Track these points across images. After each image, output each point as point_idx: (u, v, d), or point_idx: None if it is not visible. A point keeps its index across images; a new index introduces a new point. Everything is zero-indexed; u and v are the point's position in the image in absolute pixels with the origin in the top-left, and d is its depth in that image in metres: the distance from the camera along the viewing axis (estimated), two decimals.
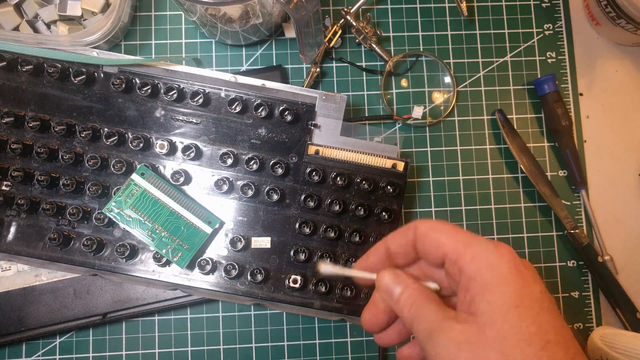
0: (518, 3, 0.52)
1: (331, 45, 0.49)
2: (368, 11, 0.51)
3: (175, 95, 0.42)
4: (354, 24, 0.49)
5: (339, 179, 0.42)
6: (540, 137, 0.51)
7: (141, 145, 0.42)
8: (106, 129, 0.42)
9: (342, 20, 0.49)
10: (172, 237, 0.41)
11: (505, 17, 0.52)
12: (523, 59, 0.52)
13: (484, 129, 0.51)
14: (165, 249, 0.40)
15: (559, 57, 0.52)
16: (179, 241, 0.41)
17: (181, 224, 0.41)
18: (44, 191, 0.42)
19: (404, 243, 0.30)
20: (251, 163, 0.42)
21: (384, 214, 0.43)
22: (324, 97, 0.43)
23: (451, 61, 0.51)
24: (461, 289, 0.27)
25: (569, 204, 0.50)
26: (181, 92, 0.42)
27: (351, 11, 0.49)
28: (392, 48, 0.51)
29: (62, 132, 0.41)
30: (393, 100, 0.51)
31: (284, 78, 0.48)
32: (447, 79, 0.51)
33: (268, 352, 0.47)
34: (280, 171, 0.42)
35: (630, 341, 0.43)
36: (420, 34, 0.51)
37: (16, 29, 0.47)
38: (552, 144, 0.51)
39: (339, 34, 0.49)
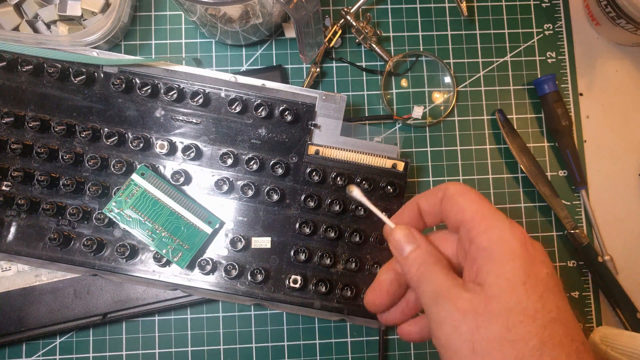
0: (518, 3, 0.52)
1: (331, 45, 0.49)
2: (368, 11, 0.51)
3: (175, 95, 0.42)
4: (354, 24, 0.49)
5: (339, 179, 0.42)
6: (540, 137, 0.51)
7: (141, 145, 0.42)
8: (106, 129, 0.42)
9: (342, 20, 0.49)
10: (172, 237, 0.41)
11: (505, 17, 0.52)
12: (523, 59, 0.52)
13: (484, 129, 0.51)
14: (165, 249, 0.40)
15: (559, 57, 0.52)
16: (179, 241, 0.41)
17: (181, 224, 0.41)
18: (44, 191, 0.42)
19: (432, 203, 0.30)
20: (251, 163, 0.42)
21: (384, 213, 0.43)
22: (324, 97, 0.43)
23: (451, 61, 0.51)
24: (469, 258, 0.27)
25: (569, 204, 0.50)
26: (181, 92, 0.42)
27: (351, 11, 0.49)
28: (392, 48, 0.51)
29: (62, 132, 0.41)
30: (393, 100, 0.51)
31: (284, 78, 0.48)
32: (447, 79, 0.51)
33: (268, 352, 0.47)
34: (280, 171, 0.42)
35: (630, 341, 0.43)
36: (420, 34, 0.51)
37: (16, 29, 0.47)
38: (552, 144, 0.51)
39: (339, 34, 0.49)
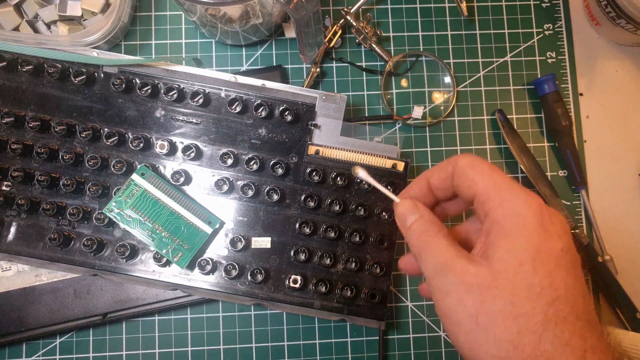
0: (518, 3, 0.52)
1: (331, 45, 0.49)
2: (368, 11, 0.51)
3: (176, 96, 0.42)
4: (354, 24, 0.49)
5: (339, 179, 0.42)
6: (540, 137, 0.51)
7: (141, 145, 0.42)
8: (106, 129, 0.42)
9: (342, 20, 0.49)
10: (173, 237, 0.41)
11: (505, 17, 0.52)
12: (523, 59, 0.52)
13: (484, 129, 0.51)
14: (165, 249, 0.40)
15: (559, 57, 0.52)
16: (179, 241, 0.41)
17: (181, 224, 0.41)
18: (44, 191, 0.42)
19: (443, 177, 0.30)
20: (251, 163, 0.42)
21: (384, 214, 0.43)
22: (324, 97, 0.43)
23: (451, 61, 0.51)
24: (483, 231, 0.27)
25: (569, 204, 0.50)
26: (181, 92, 0.42)
27: (351, 11, 0.49)
28: (392, 48, 0.51)
29: (62, 132, 0.41)
30: (393, 100, 0.51)
31: (284, 78, 0.48)
32: (447, 79, 0.51)
33: (268, 352, 0.47)
34: (280, 171, 0.42)
35: (630, 341, 0.43)
36: (420, 34, 0.51)
37: (16, 29, 0.47)
38: (552, 144, 0.51)
39: (339, 34, 0.49)
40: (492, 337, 0.24)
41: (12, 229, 0.42)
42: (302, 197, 0.43)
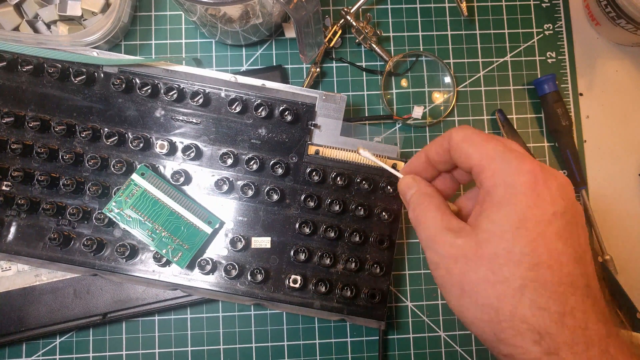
0: (518, 3, 0.52)
1: (331, 45, 0.49)
2: (368, 11, 0.51)
3: (175, 95, 0.42)
4: (354, 24, 0.49)
5: (339, 179, 0.42)
6: (540, 137, 0.51)
7: (141, 145, 0.42)
8: (106, 129, 0.42)
9: (342, 20, 0.49)
10: (172, 237, 0.41)
11: (505, 17, 0.52)
12: (523, 59, 0.52)
13: (484, 129, 0.51)
14: (165, 249, 0.40)
15: (559, 57, 0.52)
16: (179, 241, 0.41)
17: (181, 224, 0.41)
18: (44, 191, 0.42)
19: (440, 152, 0.31)
20: (251, 163, 0.42)
21: (384, 214, 0.43)
22: (324, 97, 0.43)
23: (451, 61, 0.51)
24: (478, 201, 0.28)
25: None
26: (181, 92, 0.42)
27: (351, 11, 0.49)
28: (392, 48, 0.51)
29: (62, 132, 0.41)
30: (393, 100, 0.51)
31: (284, 78, 0.48)
32: (447, 79, 0.51)
33: (268, 352, 0.47)
34: (280, 171, 0.42)
35: (629, 340, 0.43)
36: (420, 34, 0.51)
37: (16, 29, 0.47)
38: (552, 144, 0.51)
39: (339, 34, 0.49)
40: (476, 303, 0.26)
41: (12, 229, 0.42)
42: (302, 197, 0.43)
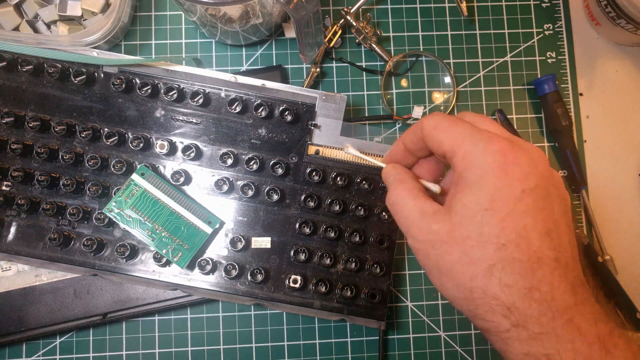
0: (518, 3, 0.52)
1: (331, 45, 0.49)
2: (368, 11, 0.51)
3: (175, 95, 0.42)
4: (354, 24, 0.49)
5: (339, 179, 0.42)
6: (540, 137, 0.51)
7: (141, 145, 0.42)
8: (106, 129, 0.42)
9: (342, 20, 0.49)
10: (172, 237, 0.41)
11: (505, 17, 0.52)
12: (523, 59, 0.52)
13: None
14: (165, 249, 0.40)
15: (559, 57, 0.52)
16: (179, 241, 0.41)
17: (181, 224, 0.41)
18: (44, 191, 0.42)
19: (415, 140, 0.32)
20: (251, 163, 0.42)
21: (384, 214, 0.43)
22: (324, 97, 0.43)
23: (451, 61, 0.51)
24: (452, 185, 0.29)
25: None
26: (181, 92, 0.42)
27: (351, 11, 0.49)
28: (392, 48, 0.51)
29: (62, 132, 0.41)
30: (393, 100, 0.51)
31: (284, 78, 0.48)
32: (447, 79, 0.51)
33: (268, 352, 0.47)
34: (280, 171, 0.42)
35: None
36: (420, 34, 0.51)
37: (16, 29, 0.47)
38: (552, 144, 0.51)
39: (339, 34, 0.49)
40: (453, 283, 0.27)
41: (12, 229, 0.42)
42: (302, 197, 0.43)
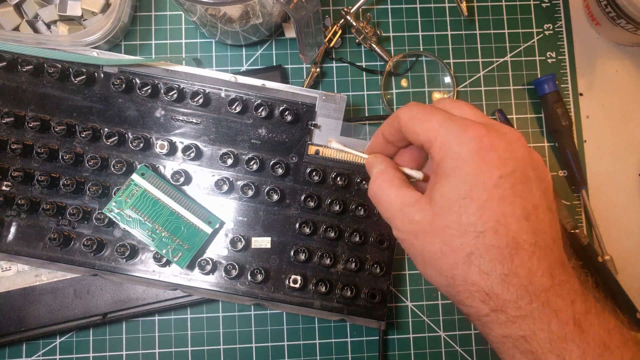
0: (518, 3, 0.52)
1: (331, 45, 0.49)
2: (368, 11, 0.51)
3: (175, 96, 0.42)
4: (354, 24, 0.49)
5: (339, 179, 0.42)
6: (540, 137, 0.51)
7: (141, 145, 0.42)
8: (106, 129, 0.42)
9: (342, 20, 0.49)
10: (172, 237, 0.41)
11: (505, 17, 0.52)
12: (523, 59, 0.52)
13: None
14: (165, 249, 0.40)
15: (559, 57, 0.52)
16: (179, 241, 0.41)
17: (181, 224, 0.41)
18: (44, 191, 0.42)
19: (393, 132, 0.32)
20: (251, 163, 0.42)
21: None
22: (324, 97, 0.43)
23: (451, 61, 0.51)
24: (432, 174, 0.29)
25: (569, 204, 0.50)
26: (181, 92, 0.42)
27: (351, 11, 0.49)
28: (392, 48, 0.51)
29: (62, 132, 0.41)
30: (393, 100, 0.51)
31: (284, 78, 0.48)
32: (447, 79, 0.51)
33: (268, 352, 0.47)
34: (280, 171, 0.42)
35: None
36: (420, 34, 0.51)
37: (16, 29, 0.47)
38: (552, 144, 0.51)
39: (339, 34, 0.49)
40: (435, 271, 0.28)
41: (12, 229, 0.42)
42: (302, 197, 0.43)
